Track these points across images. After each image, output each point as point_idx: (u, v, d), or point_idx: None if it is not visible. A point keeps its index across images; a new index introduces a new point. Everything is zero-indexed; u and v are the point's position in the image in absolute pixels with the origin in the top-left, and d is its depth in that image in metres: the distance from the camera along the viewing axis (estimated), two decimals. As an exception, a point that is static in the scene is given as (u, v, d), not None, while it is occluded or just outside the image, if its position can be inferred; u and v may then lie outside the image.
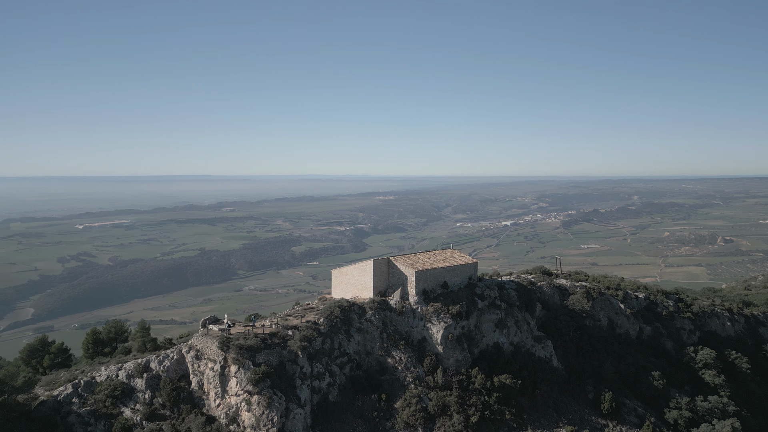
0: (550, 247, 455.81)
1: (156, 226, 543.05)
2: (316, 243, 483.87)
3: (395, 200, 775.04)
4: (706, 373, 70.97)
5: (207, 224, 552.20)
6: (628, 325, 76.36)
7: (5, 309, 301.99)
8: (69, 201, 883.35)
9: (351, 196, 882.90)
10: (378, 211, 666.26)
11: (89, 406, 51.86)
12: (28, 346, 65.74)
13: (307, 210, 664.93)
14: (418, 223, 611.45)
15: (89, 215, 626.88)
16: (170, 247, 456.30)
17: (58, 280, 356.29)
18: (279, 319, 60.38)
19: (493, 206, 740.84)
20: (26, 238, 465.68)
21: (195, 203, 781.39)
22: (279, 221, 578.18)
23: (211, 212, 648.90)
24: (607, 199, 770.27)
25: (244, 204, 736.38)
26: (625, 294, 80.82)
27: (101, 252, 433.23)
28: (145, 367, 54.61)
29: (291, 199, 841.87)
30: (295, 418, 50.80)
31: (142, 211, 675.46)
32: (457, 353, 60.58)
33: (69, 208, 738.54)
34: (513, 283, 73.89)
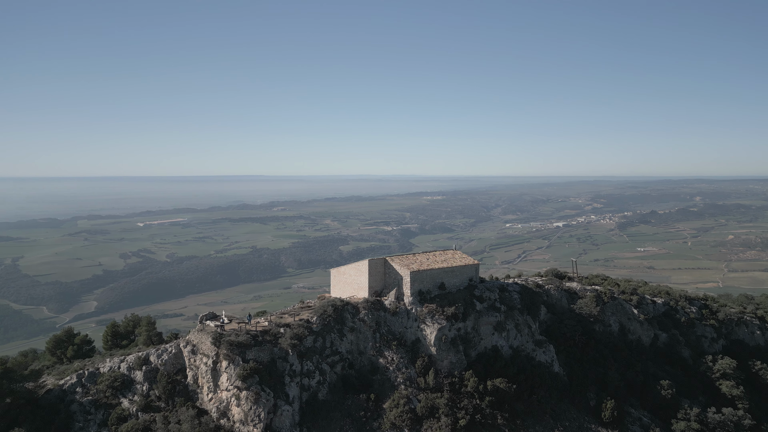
0: (603, 250, 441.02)
1: (211, 224, 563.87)
2: (363, 242, 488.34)
3: (443, 200, 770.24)
4: (723, 383, 67.78)
5: (259, 223, 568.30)
6: (641, 332, 73.73)
7: (71, 302, 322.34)
8: (132, 200, 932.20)
9: (399, 196, 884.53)
10: (425, 211, 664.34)
11: (91, 396, 54.30)
12: (54, 338, 69.02)
13: (355, 210, 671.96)
14: (466, 224, 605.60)
15: (150, 213, 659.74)
16: (224, 244, 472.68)
17: (119, 275, 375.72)
18: (275, 317, 61.51)
19: (544, 207, 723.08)
20: (92, 235, 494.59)
21: (248, 202, 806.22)
22: (328, 220, 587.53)
23: (263, 211, 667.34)
24: (667, 200, 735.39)
25: (294, 203, 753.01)
26: (641, 299, 77.84)
27: (160, 249, 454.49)
28: (144, 360, 56.60)
29: (340, 198, 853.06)
30: (283, 414, 51.62)
31: (199, 210, 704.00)
32: (451, 355, 59.95)
33: (132, 206, 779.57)
34: (517, 285, 72.69)
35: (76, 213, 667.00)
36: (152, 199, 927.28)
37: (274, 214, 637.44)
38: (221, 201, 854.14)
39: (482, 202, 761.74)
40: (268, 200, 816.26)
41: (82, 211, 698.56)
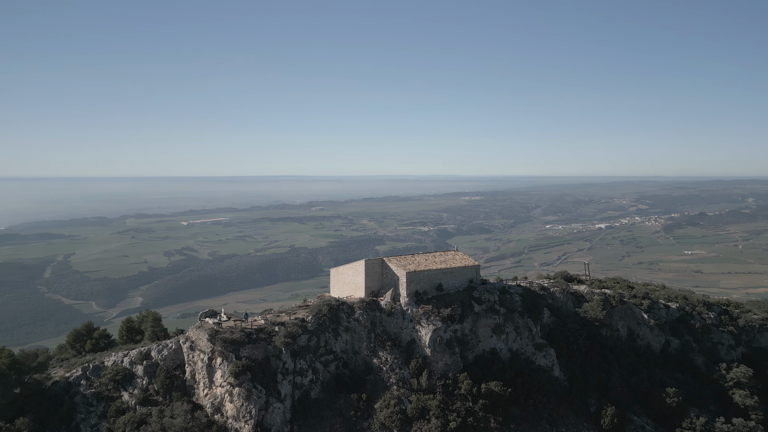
0: (648, 252, 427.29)
1: (251, 223, 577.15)
2: (399, 243, 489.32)
3: (481, 201, 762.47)
4: (736, 392, 65.10)
5: (297, 222, 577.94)
6: (651, 337, 71.57)
7: (118, 297, 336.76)
8: (177, 199, 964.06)
9: (436, 196, 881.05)
10: (463, 211, 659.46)
11: (94, 389, 56.46)
12: (74, 332, 71.39)
13: (391, 210, 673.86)
14: (505, 225, 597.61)
15: (193, 213, 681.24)
16: (263, 243, 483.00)
17: (163, 272, 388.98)
18: (272, 316, 62.49)
19: (586, 208, 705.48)
20: (138, 233, 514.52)
21: (288, 202, 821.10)
22: (364, 220, 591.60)
23: (302, 211, 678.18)
24: (717, 201, 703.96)
25: (332, 203, 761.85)
26: (652, 303, 75.44)
27: (202, 247, 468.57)
28: (145, 355, 58.46)
29: (377, 199, 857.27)
30: (274, 411, 52.46)
31: (240, 209, 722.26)
32: (446, 357, 59.44)
33: (176, 206, 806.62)
34: (519, 287, 71.67)
35: (124, 212, 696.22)
36: (196, 199, 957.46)
37: (312, 213, 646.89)
38: (262, 201, 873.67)
39: (522, 203, 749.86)
40: (306, 200, 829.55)
41: (130, 210, 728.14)
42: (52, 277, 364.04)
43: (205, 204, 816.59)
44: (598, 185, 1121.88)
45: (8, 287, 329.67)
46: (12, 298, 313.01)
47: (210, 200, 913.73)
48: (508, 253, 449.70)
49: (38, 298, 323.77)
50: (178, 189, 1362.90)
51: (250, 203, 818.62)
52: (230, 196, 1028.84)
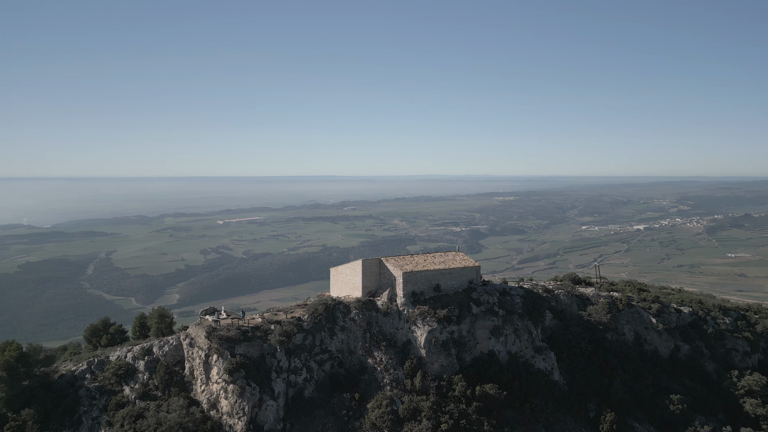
0: (689, 255, 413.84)
1: (285, 222, 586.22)
2: (431, 243, 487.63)
3: (515, 201, 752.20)
4: (747, 401, 62.82)
5: (330, 222, 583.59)
6: (659, 342, 69.70)
7: (156, 293, 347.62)
8: (214, 199, 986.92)
9: (469, 196, 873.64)
10: (496, 212, 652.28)
11: (98, 383, 58.31)
12: (91, 327, 73.52)
13: (423, 210, 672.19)
14: (539, 226, 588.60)
15: (229, 212, 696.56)
16: (296, 242, 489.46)
17: (199, 270, 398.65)
18: (270, 314, 63.47)
19: (624, 209, 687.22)
20: (176, 231, 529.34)
21: (321, 202, 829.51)
22: (396, 220, 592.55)
23: (335, 211, 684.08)
24: (763, 202, 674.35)
25: (364, 203, 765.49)
26: (662, 307, 73.32)
27: (237, 245, 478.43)
28: (147, 351, 60.07)
29: (409, 199, 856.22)
30: (267, 409, 53.35)
31: (274, 208, 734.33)
32: (441, 358, 59.10)
33: (213, 205, 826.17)
34: (521, 289, 70.77)
35: (163, 211, 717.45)
36: (232, 198, 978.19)
37: (345, 213, 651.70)
38: (295, 200, 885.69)
39: (557, 203, 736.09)
40: (339, 200, 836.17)
41: (169, 209, 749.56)
42: (95, 274, 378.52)
43: (240, 203, 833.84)
44: (637, 185, 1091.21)
45: (53, 283, 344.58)
46: (57, 293, 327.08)
47: (245, 200, 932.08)
48: (542, 255, 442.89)
49: (81, 293, 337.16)
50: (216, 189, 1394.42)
51: (284, 203, 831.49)
52: (265, 196, 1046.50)
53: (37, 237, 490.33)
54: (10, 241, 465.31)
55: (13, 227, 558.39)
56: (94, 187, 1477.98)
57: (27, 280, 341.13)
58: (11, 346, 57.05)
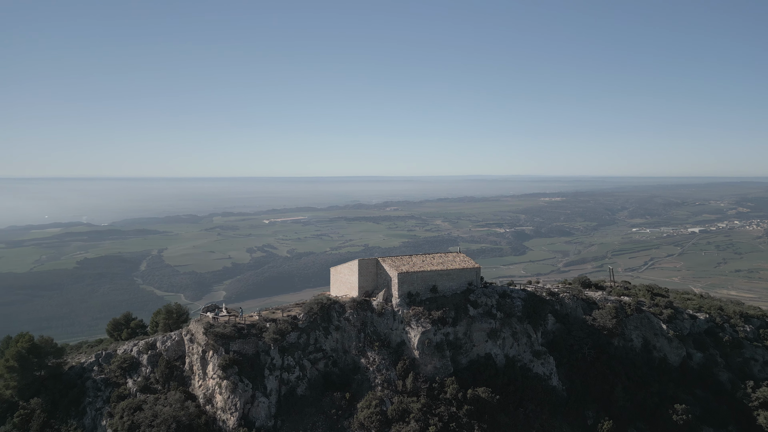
0: (748, 260, 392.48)
1: (328, 222, 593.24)
2: (473, 244, 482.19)
3: (562, 202, 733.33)
4: (761, 413, 59.36)
5: (372, 222, 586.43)
6: (669, 349, 66.80)
7: (204, 290, 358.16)
8: (261, 199, 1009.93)
9: (514, 197, 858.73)
10: (542, 213, 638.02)
11: (104, 375, 60.63)
12: (113, 321, 76.34)
13: (466, 210, 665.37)
14: (587, 227, 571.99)
15: (274, 211, 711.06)
16: (339, 242, 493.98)
17: (245, 268, 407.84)
18: (267, 312, 64.26)
19: (678, 210, 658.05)
20: (224, 230, 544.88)
21: (363, 202, 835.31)
22: (438, 221, 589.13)
23: (377, 211, 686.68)
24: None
25: (407, 204, 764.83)
26: (675, 313, 70.20)
27: (281, 244, 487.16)
28: (151, 346, 61.92)
29: (452, 199, 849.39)
30: (259, 405, 54.28)
31: (318, 208, 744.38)
32: (435, 360, 58.53)
33: (260, 205, 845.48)
34: (523, 292, 69.25)
35: (212, 210, 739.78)
36: (278, 199, 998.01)
37: (387, 213, 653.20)
38: (339, 200, 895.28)
39: (606, 204, 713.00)
40: (382, 200, 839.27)
41: (218, 208, 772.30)
42: (147, 270, 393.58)
43: (286, 204, 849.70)
44: (692, 186, 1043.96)
45: (109, 278, 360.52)
46: (112, 288, 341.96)
47: (291, 200, 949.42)
48: (589, 257, 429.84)
49: (134, 289, 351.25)
50: (263, 189, 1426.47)
51: (327, 203, 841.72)
52: (310, 196, 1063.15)
53: (95, 235, 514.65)
54: (70, 239, 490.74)
55: (74, 225, 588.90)
56: (149, 187, 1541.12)
57: (84, 276, 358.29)
58: (24, 337, 60.17)
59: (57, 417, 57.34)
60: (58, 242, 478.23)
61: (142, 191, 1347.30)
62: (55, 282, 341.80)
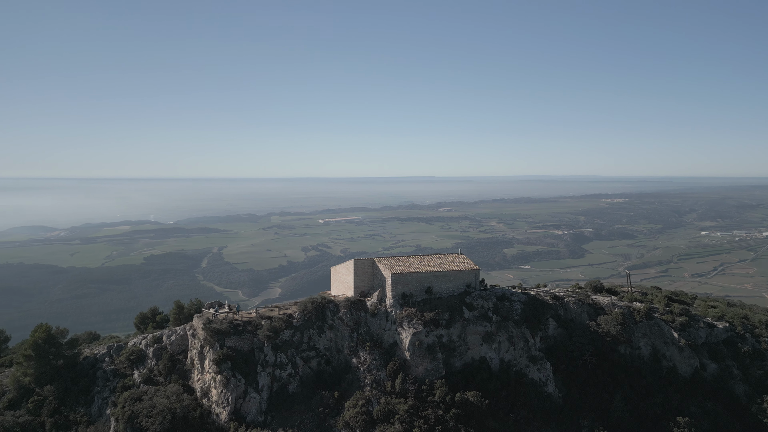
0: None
1: (381, 222, 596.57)
2: (529, 246, 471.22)
3: (625, 203, 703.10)
4: None
5: (425, 223, 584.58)
6: (679, 359, 63.37)
7: (261, 287, 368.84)
8: (316, 199, 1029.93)
9: (573, 198, 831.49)
10: (603, 214, 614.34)
11: (114, 366, 63.54)
12: (140, 315, 79.74)
13: (522, 212, 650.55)
14: (652, 230, 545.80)
15: (329, 211, 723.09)
16: (391, 242, 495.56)
17: (300, 266, 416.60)
18: (266, 310, 65.55)
19: (753, 213, 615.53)
20: (281, 229, 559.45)
21: (417, 203, 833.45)
22: (493, 222, 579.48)
23: (430, 211, 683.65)
24: None
25: (461, 204, 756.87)
26: (689, 321, 66.27)
27: (335, 243, 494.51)
28: (157, 339, 64.32)
29: (508, 200, 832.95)
30: (251, 401, 55.49)
31: (371, 209, 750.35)
32: (426, 362, 57.89)
33: (315, 204, 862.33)
34: (524, 295, 67.41)
35: (271, 210, 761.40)
36: (333, 198, 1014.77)
37: (440, 214, 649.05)
38: (393, 201, 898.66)
39: (673, 206, 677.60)
40: (435, 201, 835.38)
41: (276, 208, 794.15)
42: (208, 267, 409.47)
43: (341, 203, 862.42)
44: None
45: (172, 274, 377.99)
46: (175, 284, 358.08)
47: (345, 200, 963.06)
48: (653, 262, 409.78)
49: (196, 285, 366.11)
50: (319, 189, 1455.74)
51: (381, 203, 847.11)
52: (364, 196, 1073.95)
53: (161, 232, 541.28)
54: (138, 236, 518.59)
55: (142, 223, 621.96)
56: (211, 188, 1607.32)
57: (150, 271, 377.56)
58: (41, 328, 63.94)
59: (67, 404, 60.73)
60: (128, 239, 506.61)
61: (205, 191, 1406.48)
62: (124, 277, 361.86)
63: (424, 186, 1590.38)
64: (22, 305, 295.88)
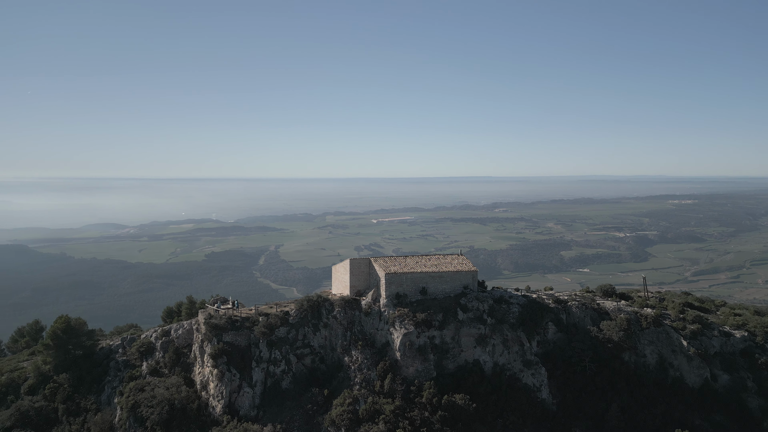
0: None
1: (434, 223, 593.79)
2: (588, 249, 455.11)
3: (694, 205, 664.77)
4: None
5: (479, 223, 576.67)
6: (687, 369, 60.03)
7: (314, 285, 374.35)
8: (371, 199, 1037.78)
9: (637, 199, 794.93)
10: (669, 216, 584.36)
11: (126, 357, 66.44)
12: (167, 309, 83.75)
13: (582, 213, 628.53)
14: (723, 234, 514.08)
15: (383, 211, 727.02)
16: (444, 243, 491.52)
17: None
18: (266, 307, 66.72)
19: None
20: (335, 229, 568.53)
21: (471, 203, 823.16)
22: (550, 224, 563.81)
23: (485, 212, 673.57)
24: None
25: (517, 205, 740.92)
26: (701, 329, 62.38)
27: (387, 243, 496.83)
28: (166, 333, 66.68)
29: (567, 201, 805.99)
30: (244, 395, 56.91)
31: (425, 209, 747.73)
32: (417, 363, 57.34)
33: (369, 204, 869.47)
34: (522, 298, 65.47)
35: (326, 209, 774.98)
36: (387, 199, 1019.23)
37: (495, 215, 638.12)
38: (446, 201, 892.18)
39: (748, 209, 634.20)
40: (490, 201, 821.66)
41: (331, 208, 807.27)
42: (265, 265, 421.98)
43: (394, 204, 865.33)
44: None
45: (231, 271, 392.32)
46: (234, 280, 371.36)
47: (399, 200, 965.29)
48: (723, 267, 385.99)
49: (253, 281, 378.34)
50: (374, 190, 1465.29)
51: (435, 203, 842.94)
52: (418, 197, 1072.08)
53: (222, 230, 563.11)
54: (200, 234, 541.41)
55: (205, 221, 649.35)
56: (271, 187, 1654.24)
57: (211, 268, 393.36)
58: (61, 319, 67.98)
59: (80, 392, 64.34)
60: (191, 237, 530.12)
61: (264, 191, 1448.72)
62: (186, 272, 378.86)
63: (479, 186, 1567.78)
64: (93, 298, 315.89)
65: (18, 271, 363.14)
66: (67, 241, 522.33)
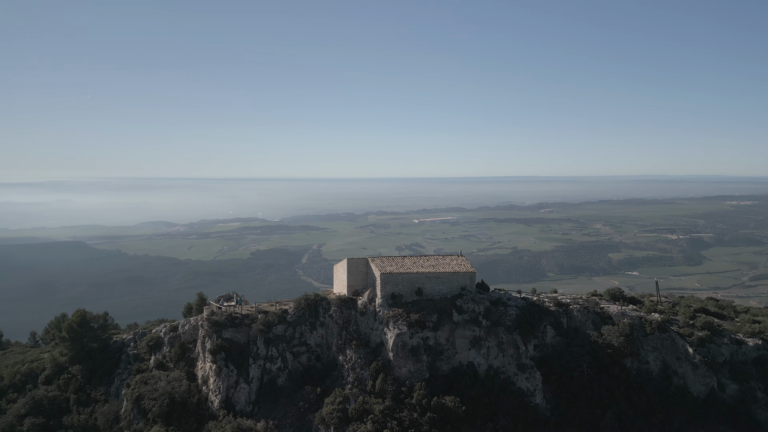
0: None
1: (477, 223, 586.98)
2: (638, 251, 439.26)
3: (754, 206, 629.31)
4: None
5: (523, 224, 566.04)
6: (693, 377, 57.37)
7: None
8: (413, 198, 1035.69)
9: (692, 199, 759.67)
10: (726, 218, 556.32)
11: (136, 350, 68.82)
12: (188, 305, 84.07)
13: (632, 214, 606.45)
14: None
15: (425, 211, 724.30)
16: (486, 243, 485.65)
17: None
18: (267, 305, 67.89)
19: None
20: (377, 228, 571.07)
21: (516, 203, 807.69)
22: (598, 225, 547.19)
23: (529, 213, 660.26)
24: None
25: (563, 205, 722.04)
26: (711, 336, 59.38)
27: (428, 243, 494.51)
28: (174, 328, 68.86)
29: (616, 201, 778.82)
30: (241, 391, 58.34)
31: (467, 209, 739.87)
32: (410, 364, 57.48)
33: (412, 204, 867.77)
34: (521, 300, 64.48)
35: (368, 209, 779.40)
36: (429, 198, 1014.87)
37: (540, 215, 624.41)
38: (490, 201, 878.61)
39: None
40: (536, 201, 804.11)
41: (374, 207, 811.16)
42: (307, 263, 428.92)
43: (437, 203, 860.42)
44: None
45: (275, 269, 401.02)
46: (277, 278, 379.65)
47: (441, 200, 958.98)
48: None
49: (296, 279, 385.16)
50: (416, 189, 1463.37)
51: (478, 203, 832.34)
52: (462, 196, 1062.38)
53: (267, 229, 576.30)
54: (247, 232, 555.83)
55: (251, 220, 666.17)
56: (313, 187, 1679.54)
57: (256, 266, 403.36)
58: (77, 312, 71.11)
59: (92, 383, 67.13)
60: (237, 235, 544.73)
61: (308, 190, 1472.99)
62: (232, 270, 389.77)
63: (525, 186, 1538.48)
64: (145, 293, 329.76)
65: (76, 267, 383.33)
66: (122, 238, 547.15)
